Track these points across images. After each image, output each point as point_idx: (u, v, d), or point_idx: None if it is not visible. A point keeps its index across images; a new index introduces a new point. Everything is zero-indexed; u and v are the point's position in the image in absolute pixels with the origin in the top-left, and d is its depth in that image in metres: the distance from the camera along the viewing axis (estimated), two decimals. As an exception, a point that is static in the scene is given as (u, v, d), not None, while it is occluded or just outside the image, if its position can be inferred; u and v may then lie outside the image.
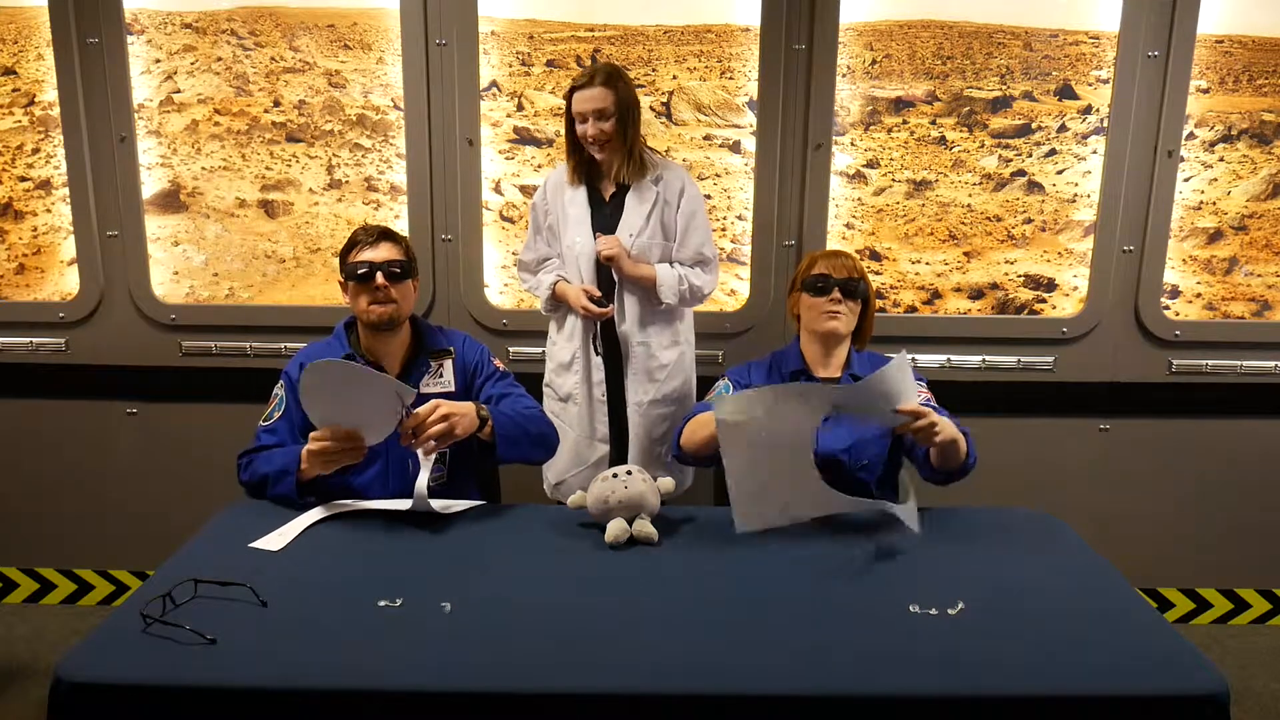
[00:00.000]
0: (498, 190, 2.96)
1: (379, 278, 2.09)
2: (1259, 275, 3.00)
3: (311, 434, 1.94)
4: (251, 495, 2.07)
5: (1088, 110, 2.91)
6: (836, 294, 2.17)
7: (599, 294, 2.53)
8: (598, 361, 2.60)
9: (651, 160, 2.57)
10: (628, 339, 2.60)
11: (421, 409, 1.91)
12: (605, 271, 2.56)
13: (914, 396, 1.88)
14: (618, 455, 2.64)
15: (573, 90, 2.48)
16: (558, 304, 2.62)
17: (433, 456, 1.97)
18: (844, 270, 2.20)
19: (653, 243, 2.57)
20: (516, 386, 2.25)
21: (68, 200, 2.95)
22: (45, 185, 2.98)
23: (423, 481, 1.93)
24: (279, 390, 2.18)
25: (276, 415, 2.14)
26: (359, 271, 2.10)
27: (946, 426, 1.91)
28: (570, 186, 2.58)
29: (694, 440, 2.11)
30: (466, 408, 1.98)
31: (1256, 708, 2.72)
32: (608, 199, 2.58)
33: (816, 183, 2.91)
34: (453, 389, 2.20)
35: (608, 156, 2.52)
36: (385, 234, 2.16)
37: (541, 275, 2.65)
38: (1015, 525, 1.98)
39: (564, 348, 2.63)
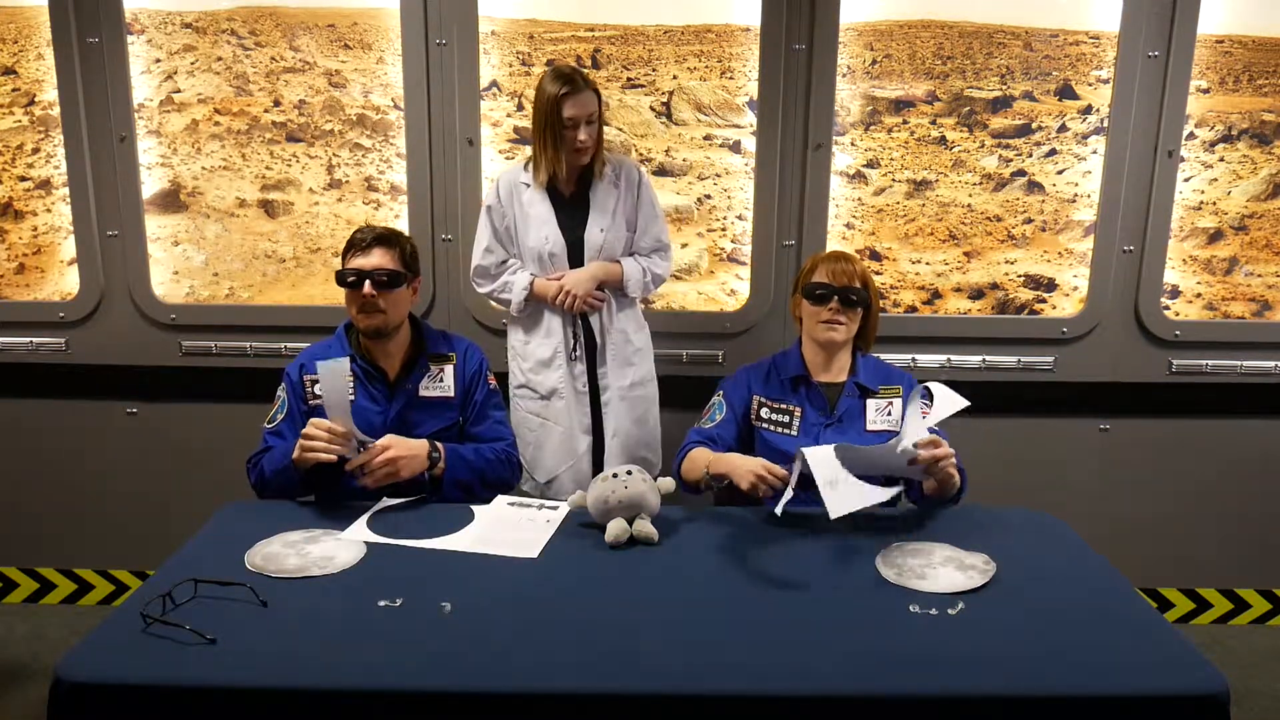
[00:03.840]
0: (498, 190, 2.96)
1: (366, 286, 2.08)
2: (1259, 275, 3.00)
3: (311, 420, 1.97)
4: (261, 496, 2.08)
5: (1088, 110, 2.90)
6: (836, 304, 2.16)
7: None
8: (579, 353, 2.62)
9: (604, 155, 2.60)
10: (606, 329, 2.63)
11: (369, 450, 1.94)
12: (578, 266, 2.59)
13: (920, 425, 1.92)
14: (598, 445, 2.67)
15: (564, 96, 2.43)
16: (529, 303, 2.63)
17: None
18: (844, 277, 2.18)
19: (619, 236, 2.61)
20: (499, 410, 2.27)
21: (68, 200, 2.95)
22: (45, 185, 2.98)
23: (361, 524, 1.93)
24: (281, 392, 2.19)
25: (280, 417, 2.15)
26: (348, 279, 2.11)
27: (951, 463, 1.95)
28: (528, 189, 2.59)
29: (689, 477, 2.16)
30: (416, 449, 2.02)
31: (1256, 708, 2.72)
32: (568, 197, 2.60)
33: (816, 183, 2.91)
34: (452, 394, 2.20)
35: (587, 160, 2.55)
36: (381, 239, 2.14)
37: (507, 277, 2.64)
38: (1015, 525, 1.98)
39: (543, 345, 2.64)
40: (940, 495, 2.04)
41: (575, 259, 2.58)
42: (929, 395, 1.97)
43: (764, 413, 2.22)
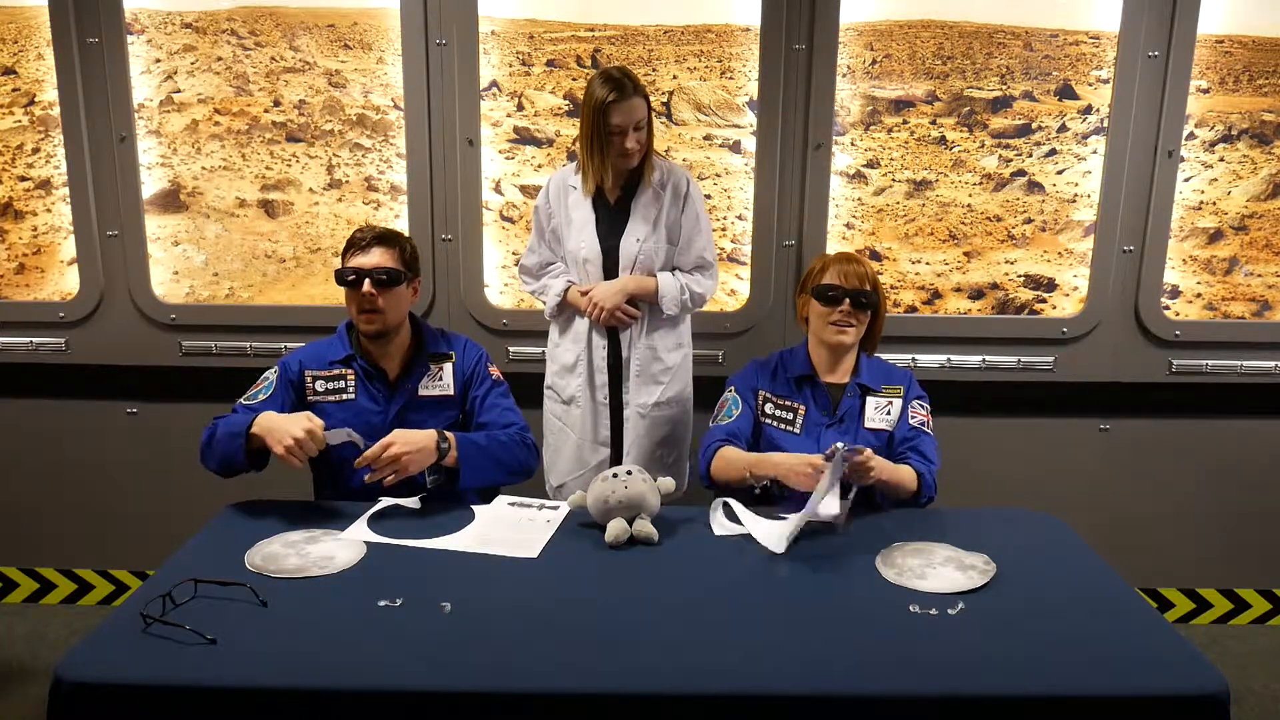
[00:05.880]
0: (498, 190, 2.96)
1: (366, 285, 2.08)
2: (1259, 275, 3.00)
3: (309, 416, 1.95)
4: (203, 457, 2.03)
5: (1088, 110, 2.90)
6: (847, 306, 2.16)
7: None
8: (601, 364, 2.60)
9: (653, 162, 2.56)
10: (634, 343, 2.59)
11: (373, 449, 1.93)
12: (613, 275, 2.55)
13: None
14: (617, 458, 2.64)
15: (609, 103, 2.37)
16: (563, 309, 2.61)
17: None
18: (856, 279, 2.18)
19: (658, 248, 2.55)
20: (506, 399, 2.25)
21: (68, 200, 2.95)
22: (45, 185, 2.98)
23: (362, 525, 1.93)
24: (271, 375, 2.16)
25: (261, 397, 2.11)
26: (348, 278, 2.10)
27: (883, 466, 1.95)
28: (575, 191, 2.56)
29: (725, 476, 2.12)
30: (422, 442, 1.98)
31: (1256, 708, 2.72)
32: (613, 203, 2.57)
33: (816, 183, 2.91)
34: (451, 392, 2.20)
35: (635, 164, 2.50)
36: (381, 238, 2.14)
37: (547, 280, 2.63)
38: (1015, 525, 1.98)
39: (568, 350, 2.62)
40: (894, 498, 2.07)
41: (610, 268, 2.54)
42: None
43: (768, 408, 2.22)
